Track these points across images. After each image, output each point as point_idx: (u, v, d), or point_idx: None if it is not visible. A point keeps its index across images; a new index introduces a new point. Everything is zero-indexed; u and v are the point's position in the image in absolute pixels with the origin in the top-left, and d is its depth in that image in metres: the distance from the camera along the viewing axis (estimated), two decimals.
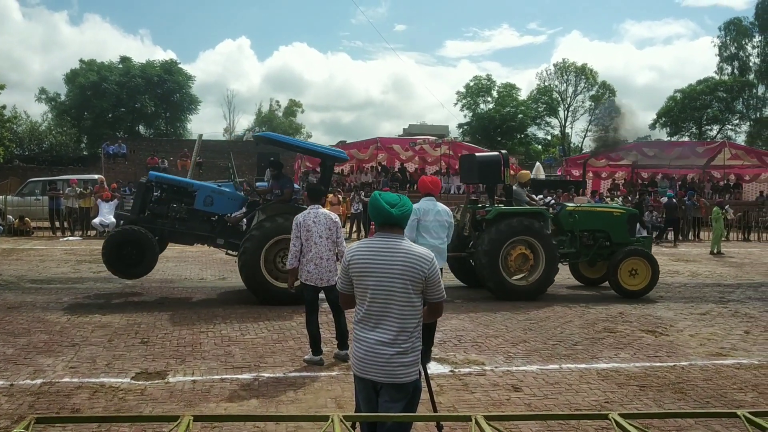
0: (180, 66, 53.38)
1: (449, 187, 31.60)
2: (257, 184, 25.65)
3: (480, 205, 12.25)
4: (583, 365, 7.34)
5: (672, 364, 7.45)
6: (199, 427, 5.06)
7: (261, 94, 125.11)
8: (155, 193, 11.62)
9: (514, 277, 11.44)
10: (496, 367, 7.19)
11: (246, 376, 6.72)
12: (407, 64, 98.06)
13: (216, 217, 11.39)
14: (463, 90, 62.49)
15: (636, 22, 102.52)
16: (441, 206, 7.69)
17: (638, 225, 19.08)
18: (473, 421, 1.72)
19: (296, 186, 12.09)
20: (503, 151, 12.43)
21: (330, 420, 1.76)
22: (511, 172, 12.35)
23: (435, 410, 4.66)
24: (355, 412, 3.98)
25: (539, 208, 12.16)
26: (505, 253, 11.25)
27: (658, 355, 7.86)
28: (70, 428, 5.11)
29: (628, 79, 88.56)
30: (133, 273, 10.80)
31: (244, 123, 75.35)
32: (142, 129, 53.89)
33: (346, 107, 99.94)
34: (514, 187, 12.34)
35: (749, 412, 1.81)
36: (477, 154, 13.69)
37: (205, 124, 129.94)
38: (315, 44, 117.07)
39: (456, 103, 63.15)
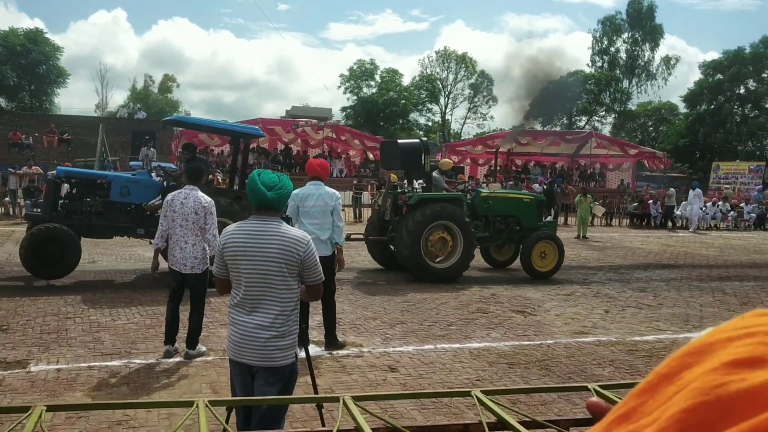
0: (47, 36, 50.05)
1: (332, 170, 31.58)
2: (131, 163, 24.63)
3: (400, 191, 12.60)
4: (457, 345, 7.60)
5: (539, 342, 7.86)
6: (62, 417, 4.82)
7: (139, 70, 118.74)
8: (65, 189, 11.24)
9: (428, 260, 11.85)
10: (373, 348, 7.31)
11: (116, 363, 6.46)
12: (292, 45, 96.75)
13: (133, 206, 10.99)
14: (346, 73, 62.59)
15: (516, 15, 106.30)
16: (326, 190, 7.13)
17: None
18: (341, 402, 1.74)
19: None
20: (424, 139, 12.83)
21: (195, 405, 1.73)
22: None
23: (316, 392, 4.67)
24: (232, 396, 3.93)
25: (458, 194, 12.67)
26: (425, 237, 11.63)
27: (526, 334, 8.26)
28: None
29: (508, 69, 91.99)
30: (54, 273, 10.18)
31: (118, 99, 71.60)
32: (2, 102, 50.10)
33: (229, 86, 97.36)
34: (433, 174, 12.78)
35: (599, 385, 1.94)
36: (399, 141, 14.16)
37: (75, 99, 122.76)
38: (196, 20, 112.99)
39: (339, 86, 63.17)
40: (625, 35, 61.40)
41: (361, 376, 6.37)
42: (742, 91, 53.85)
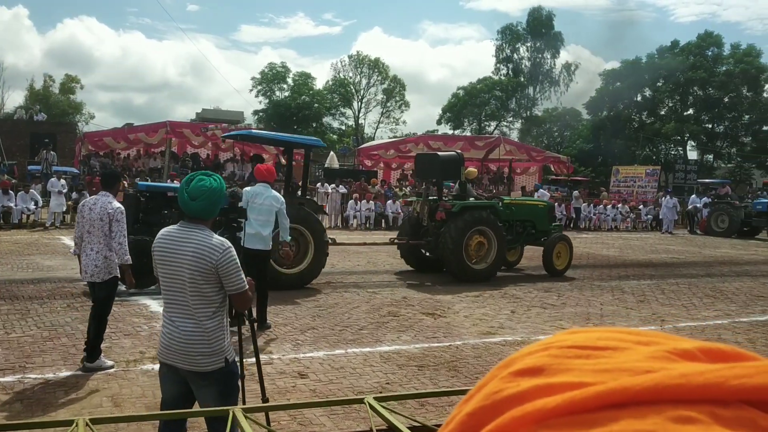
0: None
1: (243, 174, 31.11)
2: (29, 167, 23.48)
3: (433, 198, 13.49)
4: (368, 349, 7.64)
5: (448, 344, 8.00)
6: None
7: (43, 70, 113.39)
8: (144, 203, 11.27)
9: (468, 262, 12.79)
10: (283, 355, 7.25)
11: (9, 378, 6.13)
12: (204, 47, 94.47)
13: None
14: (258, 76, 61.84)
15: (433, 23, 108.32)
16: (273, 193, 8.47)
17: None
18: (230, 414, 1.73)
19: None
20: (459, 151, 14.27)
21: (75, 424, 1.67)
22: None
23: (265, 400, 4.56)
24: (161, 403, 3.90)
25: (493, 202, 13.84)
26: (465, 242, 12.58)
27: (436, 336, 8.39)
28: None
29: (423, 75, 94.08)
30: (141, 283, 9.78)
31: (17, 99, 67.94)
32: None
33: (140, 88, 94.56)
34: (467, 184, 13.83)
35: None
36: (439, 153, 15.24)
37: None
38: (105, 20, 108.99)
39: (251, 90, 62.34)
40: (528, 43, 63.55)
41: (270, 383, 6.29)
42: (639, 98, 56.64)
